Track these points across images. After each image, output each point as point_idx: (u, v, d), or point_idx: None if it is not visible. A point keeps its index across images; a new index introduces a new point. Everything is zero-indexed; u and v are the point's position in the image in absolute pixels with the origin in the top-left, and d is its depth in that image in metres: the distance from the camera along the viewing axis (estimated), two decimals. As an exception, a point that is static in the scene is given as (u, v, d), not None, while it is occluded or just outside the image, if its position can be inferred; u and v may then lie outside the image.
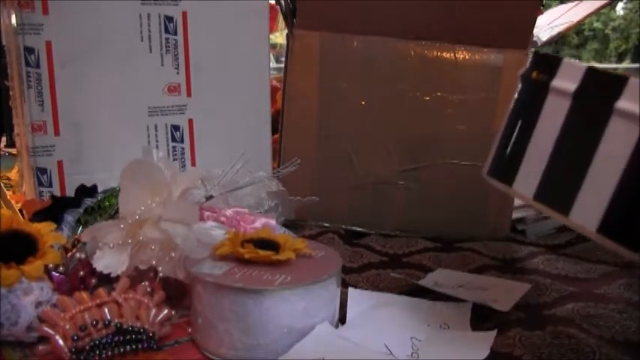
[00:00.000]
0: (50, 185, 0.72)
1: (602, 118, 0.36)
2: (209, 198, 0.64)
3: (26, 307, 0.46)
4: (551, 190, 0.39)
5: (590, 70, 0.38)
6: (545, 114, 0.40)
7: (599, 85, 0.38)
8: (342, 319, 0.51)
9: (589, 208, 0.36)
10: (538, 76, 0.42)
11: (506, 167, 0.43)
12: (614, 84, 0.36)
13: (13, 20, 0.68)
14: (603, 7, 0.89)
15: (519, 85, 0.44)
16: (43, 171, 0.72)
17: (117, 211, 0.59)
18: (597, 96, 0.37)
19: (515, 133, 0.42)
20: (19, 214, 0.66)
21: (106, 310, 0.46)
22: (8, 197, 0.76)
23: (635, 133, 0.34)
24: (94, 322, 0.45)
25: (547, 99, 0.40)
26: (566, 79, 0.39)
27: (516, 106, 0.43)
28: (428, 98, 0.79)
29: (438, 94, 0.79)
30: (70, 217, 0.64)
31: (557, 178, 0.39)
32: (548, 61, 0.41)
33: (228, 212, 0.63)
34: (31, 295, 0.47)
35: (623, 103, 0.36)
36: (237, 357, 0.45)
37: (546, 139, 0.40)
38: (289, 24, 0.80)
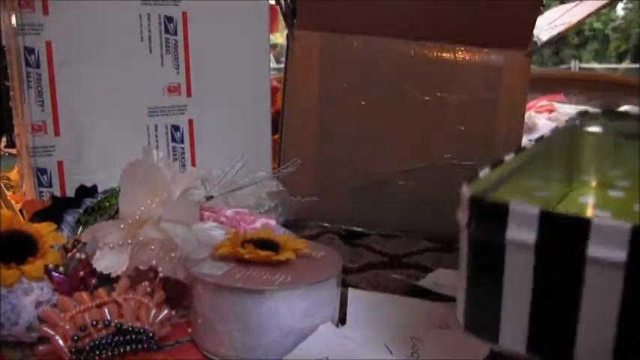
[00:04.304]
0: (50, 185, 0.72)
1: (575, 269, 0.32)
2: (209, 198, 0.64)
3: (26, 307, 0.46)
4: (543, 343, 0.35)
5: (545, 216, 0.33)
6: (509, 270, 0.35)
7: (560, 232, 0.32)
8: (342, 319, 0.51)
9: None
10: (487, 229, 0.36)
11: (484, 324, 0.37)
12: (576, 229, 0.32)
13: (13, 20, 0.68)
14: (603, 7, 0.89)
15: (465, 236, 0.38)
16: (43, 171, 0.72)
17: (117, 211, 0.59)
18: (562, 246, 0.32)
19: (483, 289, 0.37)
20: (19, 215, 0.66)
21: (106, 310, 0.46)
22: (8, 197, 0.76)
23: (618, 281, 0.31)
24: (94, 323, 0.45)
25: (506, 254, 0.35)
26: (521, 229, 0.34)
27: (472, 261, 0.37)
28: (428, 98, 0.79)
29: (438, 94, 0.79)
30: (70, 218, 0.64)
31: (545, 331, 0.35)
32: (493, 210, 0.35)
33: (228, 212, 0.63)
34: (31, 296, 0.47)
35: (593, 250, 0.31)
36: (237, 357, 0.45)
37: (521, 293, 0.35)
38: (289, 24, 0.80)
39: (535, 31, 0.78)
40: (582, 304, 0.32)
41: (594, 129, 0.59)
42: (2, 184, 0.82)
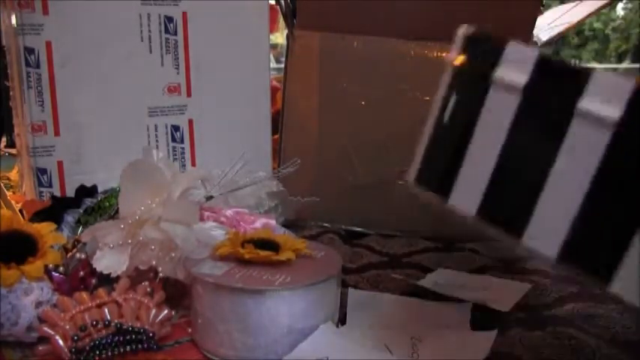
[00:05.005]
0: (50, 185, 0.72)
1: (560, 120, 0.29)
2: (209, 198, 0.64)
3: (26, 307, 0.46)
4: (497, 207, 0.32)
5: (543, 60, 0.30)
6: (486, 113, 0.32)
7: (556, 79, 0.30)
8: (342, 319, 0.51)
9: (547, 231, 0.30)
10: (475, 65, 0.33)
11: (439, 176, 0.35)
12: (574, 79, 0.29)
13: (13, 20, 0.68)
14: (603, 7, 0.89)
15: (449, 76, 0.35)
16: (43, 171, 0.72)
17: (117, 211, 0.59)
18: (553, 93, 0.30)
19: (447, 135, 0.35)
20: (19, 215, 0.66)
21: (106, 310, 0.46)
22: (8, 197, 0.76)
23: (602, 141, 0.28)
24: (94, 323, 0.45)
25: (488, 94, 0.32)
26: (513, 70, 0.31)
27: (446, 101, 0.35)
28: (428, 98, 0.79)
29: (438, 94, 0.79)
30: (70, 218, 0.64)
31: (504, 194, 0.32)
32: (487, 45, 0.33)
33: (228, 212, 0.63)
34: (31, 296, 0.47)
35: (586, 103, 0.29)
36: (237, 357, 0.45)
37: (489, 144, 0.32)
38: (289, 24, 0.80)
39: (535, 31, 0.78)
40: (555, 164, 0.30)
41: None
42: (2, 184, 0.81)
